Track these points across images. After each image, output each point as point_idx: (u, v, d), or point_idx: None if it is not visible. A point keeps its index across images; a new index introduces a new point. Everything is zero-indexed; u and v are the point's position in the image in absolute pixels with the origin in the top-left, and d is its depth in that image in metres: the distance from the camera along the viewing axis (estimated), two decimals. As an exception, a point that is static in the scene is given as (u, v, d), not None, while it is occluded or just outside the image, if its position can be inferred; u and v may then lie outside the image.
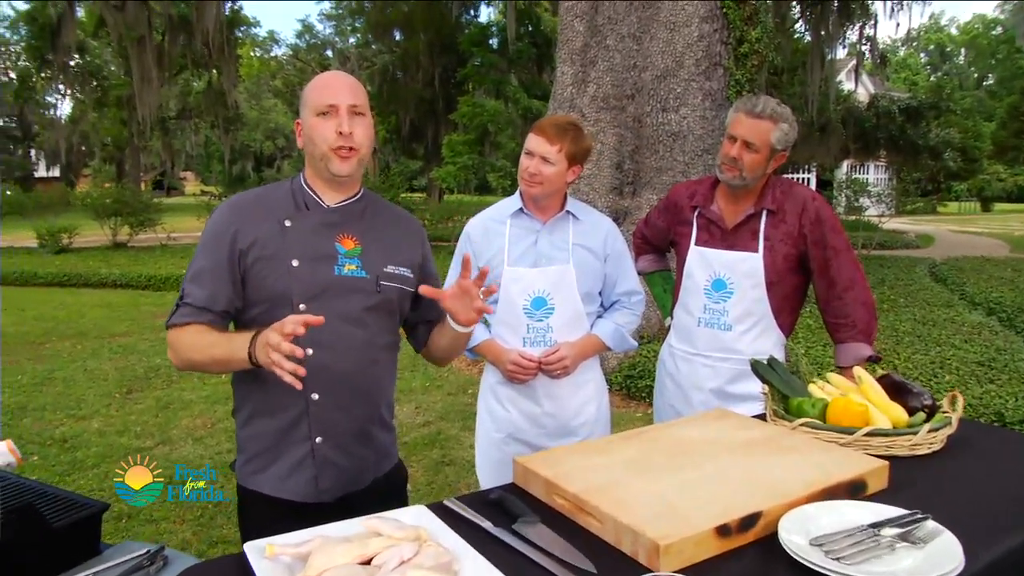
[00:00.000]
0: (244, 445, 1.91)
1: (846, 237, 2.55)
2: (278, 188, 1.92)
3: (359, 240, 1.88)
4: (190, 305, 1.79)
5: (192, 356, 1.78)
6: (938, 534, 1.37)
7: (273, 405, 1.83)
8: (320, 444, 1.84)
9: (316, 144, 1.81)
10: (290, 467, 1.85)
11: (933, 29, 68.86)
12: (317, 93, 1.82)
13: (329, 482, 1.87)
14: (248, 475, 1.89)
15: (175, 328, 1.80)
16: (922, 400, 1.97)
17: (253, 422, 1.88)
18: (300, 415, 1.83)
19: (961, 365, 6.16)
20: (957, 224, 29.28)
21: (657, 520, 1.38)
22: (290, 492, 1.85)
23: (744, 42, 7.35)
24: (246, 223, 1.80)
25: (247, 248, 1.78)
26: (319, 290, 1.80)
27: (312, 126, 1.81)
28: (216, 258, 1.79)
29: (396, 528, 1.39)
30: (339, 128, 1.79)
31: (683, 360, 2.72)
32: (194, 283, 1.80)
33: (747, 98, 2.54)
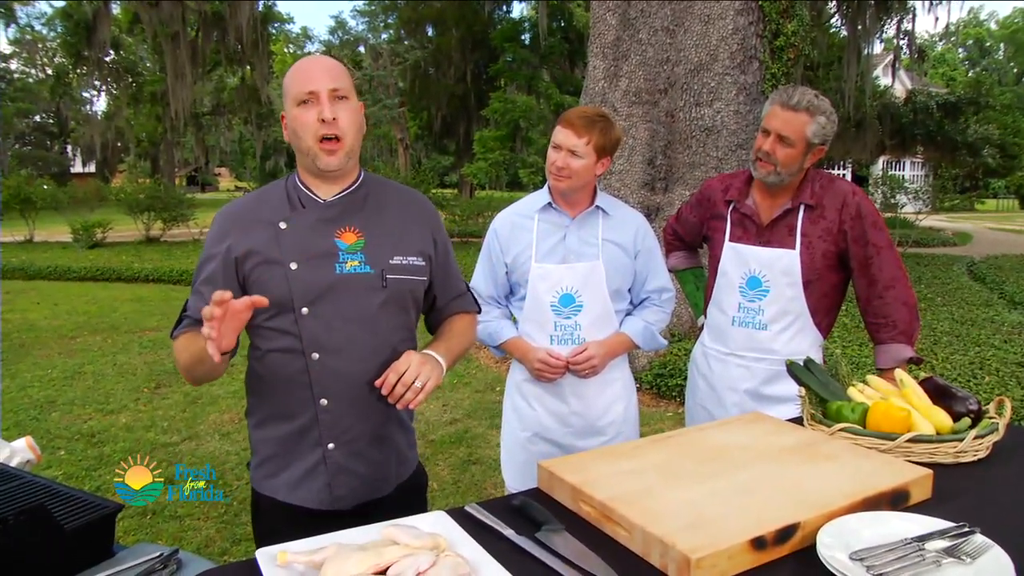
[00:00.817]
0: (257, 448, 1.86)
1: (888, 234, 2.45)
2: (273, 189, 1.83)
3: (361, 232, 1.77)
4: (190, 317, 1.76)
5: (183, 360, 1.74)
6: (987, 549, 1.29)
7: (283, 410, 1.78)
8: (332, 451, 1.77)
9: (300, 137, 1.72)
10: (302, 474, 1.79)
11: (972, 24, 67.59)
12: (295, 80, 1.71)
13: (345, 489, 1.80)
14: (261, 479, 1.84)
15: (175, 339, 1.79)
16: (967, 405, 1.87)
17: (265, 426, 1.82)
18: (310, 421, 1.76)
19: (1001, 366, 5.99)
20: (995, 222, 28.70)
21: (688, 531, 1.31)
22: (302, 499, 1.80)
23: (780, 35, 7.21)
24: (240, 231, 1.73)
25: (243, 256, 1.72)
26: (321, 292, 1.71)
27: (294, 117, 1.71)
28: (213, 270, 1.74)
29: (413, 536, 1.33)
30: (320, 115, 1.67)
31: (716, 360, 2.63)
32: (195, 296, 1.76)
33: (783, 89, 2.44)
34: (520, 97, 25.99)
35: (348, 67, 11.72)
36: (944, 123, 21.05)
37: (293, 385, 1.74)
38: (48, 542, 1.70)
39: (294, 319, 1.71)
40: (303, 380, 1.73)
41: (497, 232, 2.53)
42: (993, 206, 40.04)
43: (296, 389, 1.74)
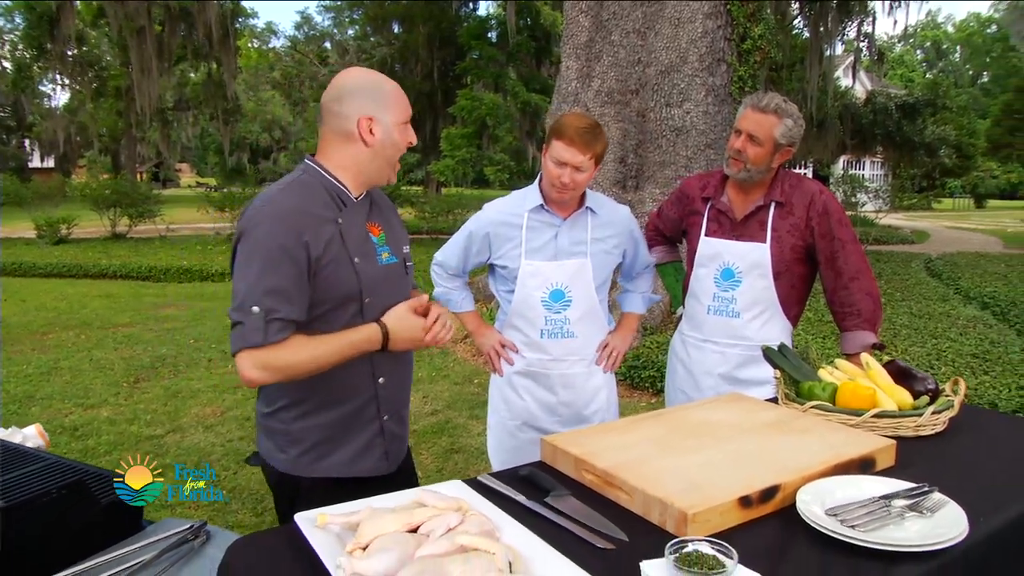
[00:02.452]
0: (301, 437, 1.92)
1: (852, 230, 2.65)
2: (310, 187, 1.87)
3: (380, 227, 1.97)
4: (282, 319, 1.74)
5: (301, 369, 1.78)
6: (944, 504, 1.48)
7: (341, 393, 1.91)
8: (387, 422, 2.00)
9: (398, 148, 1.91)
10: (361, 447, 1.96)
11: (930, 26, 69.00)
12: (404, 104, 1.91)
13: (396, 455, 2.05)
14: (308, 464, 1.92)
15: (271, 346, 1.73)
16: (926, 384, 2.07)
17: (316, 413, 1.91)
18: (370, 399, 1.95)
19: (957, 357, 6.27)
20: (952, 220, 29.42)
21: (683, 493, 1.48)
22: (363, 470, 1.97)
23: (747, 38, 7.44)
24: (312, 230, 1.78)
25: (321, 253, 1.78)
26: (376, 281, 1.89)
27: (401, 131, 1.90)
28: (296, 271, 1.75)
29: (439, 499, 1.48)
30: (411, 140, 1.93)
31: (693, 347, 2.82)
32: (279, 296, 1.73)
33: (755, 94, 2.64)
34: (487, 95, 26.05)
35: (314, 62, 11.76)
36: (903, 124, 21.59)
37: (356, 368, 1.89)
38: (86, 515, 1.83)
39: (359, 309, 1.86)
40: (365, 362, 1.90)
41: (488, 232, 2.63)
42: (950, 205, 40.99)
43: (359, 371, 1.91)
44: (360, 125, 1.85)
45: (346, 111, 1.85)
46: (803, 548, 1.40)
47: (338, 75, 1.92)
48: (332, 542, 1.39)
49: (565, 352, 2.62)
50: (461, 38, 27.91)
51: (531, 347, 2.64)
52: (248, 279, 1.74)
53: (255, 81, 42.07)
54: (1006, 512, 1.53)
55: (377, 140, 1.87)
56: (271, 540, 1.52)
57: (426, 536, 1.37)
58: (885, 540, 1.34)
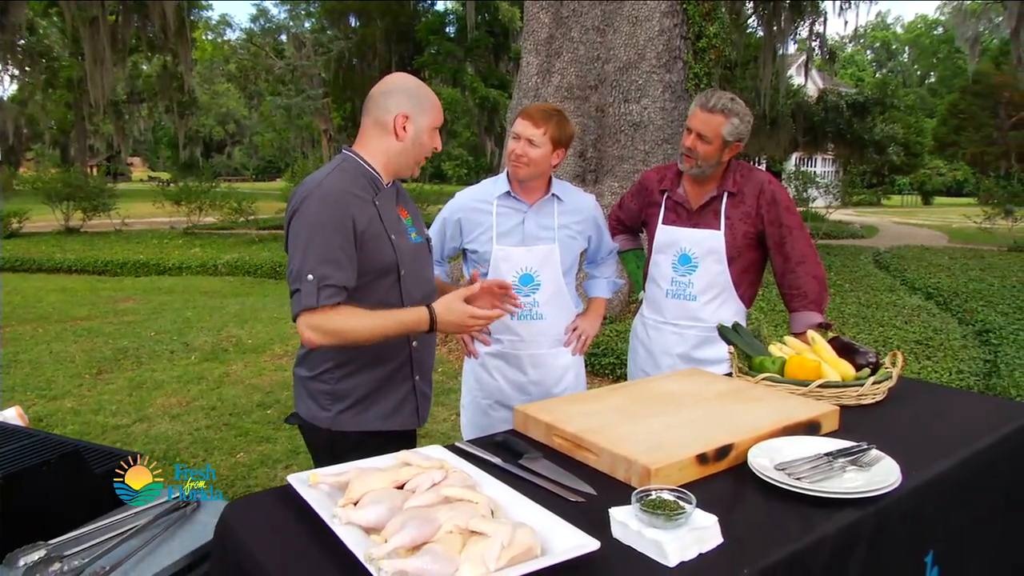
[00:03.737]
0: (345, 395, 2.13)
1: (799, 217, 2.83)
2: (352, 172, 2.07)
3: (406, 211, 2.21)
4: (334, 286, 1.93)
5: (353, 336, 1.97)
6: (880, 459, 1.64)
7: (382, 355, 2.12)
8: (419, 381, 2.22)
9: (424, 148, 2.14)
10: (396, 404, 2.17)
11: (880, 27, 70.50)
12: (439, 110, 2.16)
13: (424, 411, 2.28)
14: (350, 418, 2.13)
15: (324, 310, 1.92)
16: (867, 358, 2.24)
17: (359, 373, 2.12)
18: (405, 360, 2.17)
19: (902, 343, 6.55)
20: (900, 216, 30.21)
21: (647, 452, 1.62)
22: (397, 424, 2.18)
23: (702, 37, 7.64)
24: (357, 207, 2.00)
25: (364, 229, 1.99)
26: (410, 256, 2.13)
27: (430, 135, 2.14)
28: (344, 242, 1.96)
29: (422, 459, 1.61)
30: (437, 146, 2.16)
31: (653, 328, 2.97)
32: (332, 264, 1.93)
33: (704, 93, 2.80)
34: (445, 90, 26.10)
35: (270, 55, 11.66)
36: (853, 122, 22.12)
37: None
38: (83, 484, 1.92)
39: (396, 280, 2.09)
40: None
41: (459, 218, 2.78)
42: (898, 201, 42.06)
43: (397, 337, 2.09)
44: (396, 120, 2.08)
45: (388, 105, 2.08)
46: (755, 497, 1.55)
47: (390, 75, 2.19)
48: (325, 499, 1.50)
49: (534, 333, 2.75)
50: (419, 33, 27.88)
51: (503, 329, 2.76)
52: (302, 251, 1.94)
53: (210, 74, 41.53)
54: (935, 466, 1.70)
55: (408, 137, 2.10)
56: (266, 500, 1.62)
57: (412, 492, 1.49)
58: (828, 489, 1.50)
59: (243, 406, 5.60)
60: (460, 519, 1.33)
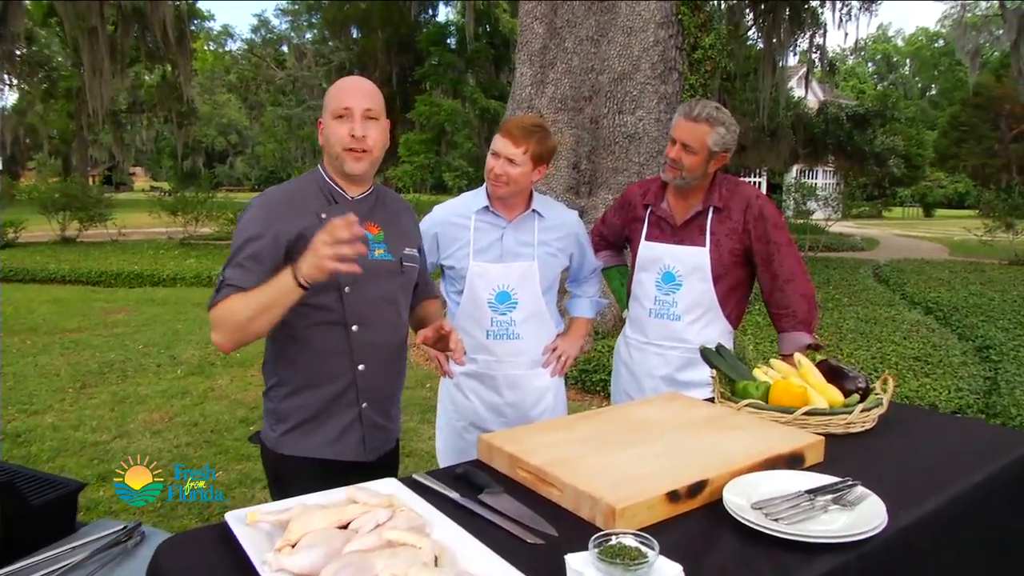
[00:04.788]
0: (286, 416, 2.05)
1: (788, 233, 2.71)
2: (304, 183, 2.08)
3: (380, 227, 2.09)
4: (233, 286, 1.88)
5: (238, 316, 1.85)
6: (865, 498, 1.52)
7: (322, 376, 2.02)
8: (366, 409, 2.07)
9: (332, 144, 2.00)
10: (340, 431, 2.05)
11: (880, 39, 70.60)
12: (336, 96, 2.00)
13: (374, 442, 2.12)
14: (291, 442, 2.04)
15: (217, 306, 1.88)
16: (856, 383, 2.12)
17: (300, 393, 2.04)
18: (349, 384, 2.04)
19: (900, 360, 6.42)
20: (901, 228, 30.12)
21: (613, 487, 1.50)
22: (340, 453, 2.06)
23: (698, 48, 7.56)
24: (286, 219, 1.94)
25: (294, 240, 1.92)
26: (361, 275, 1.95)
27: (330, 126, 2.00)
28: (260, 248, 1.91)
29: (371, 496, 1.49)
30: (352, 131, 1.97)
31: (636, 349, 2.85)
32: (238, 269, 1.90)
33: (688, 103, 2.69)
34: (445, 101, 26.09)
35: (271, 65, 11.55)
36: (854, 134, 22.03)
37: (334, 354, 2.02)
38: (17, 517, 1.80)
39: (338, 296, 1.98)
40: (344, 349, 2.02)
41: (436, 233, 2.66)
42: (899, 213, 41.96)
43: (337, 357, 2.02)
44: (319, 130, 2.06)
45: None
46: (728, 540, 1.42)
47: None
48: (262, 540, 1.39)
49: (510, 353, 2.63)
50: (420, 44, 27.92)
51: (477, 348, 2.65)
52: (229, 257, 1.94)
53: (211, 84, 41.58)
54: (926, 503, 1.58)
55: (324, 139, 2.04)
56: (202, 539, 1.51)
57: (355, 532, 1.38)
58: (806, 532, 1.38)
59: (225, 422, 5.48)
60: (398, 567, 1.22)
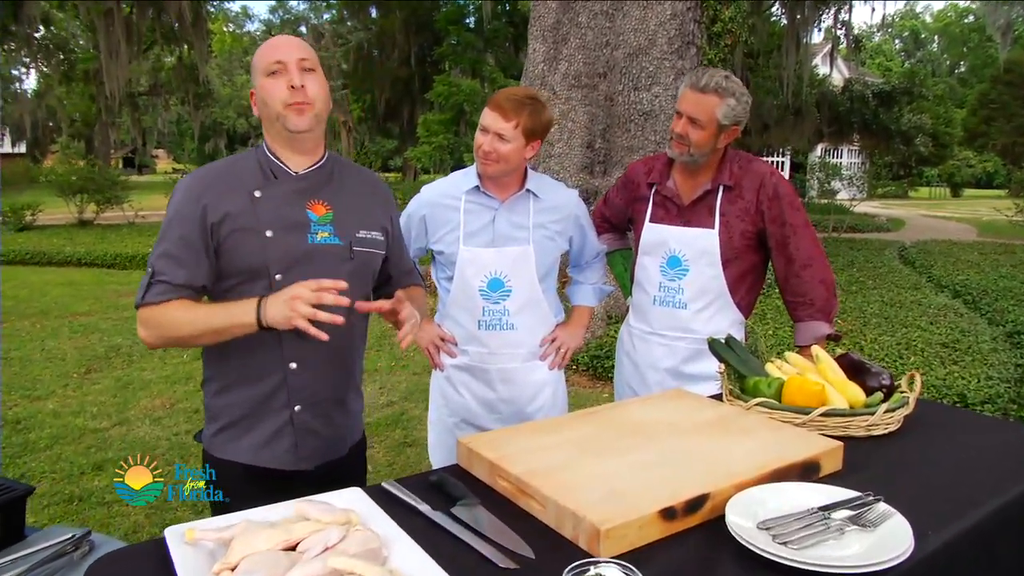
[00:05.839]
0: (217, 414, 1.88)
1: (805, 214, 2.49)
2: (244, 159, 1.86)
3: (330, 206, 1.84)
4: (167, 283, 1.73)
5: (181, 331, 1.73)
6: (889, 517, 1.33)
7: (251, 375, 1.82)
8: (299, 412, 1.85)
9: (269, 105, 1.77)
10: (269, 436, 1.84)
11: (908, 16, 69.27)
12: (264, 54, 1.79)
13: (309, 450, 1.88)
14: (221, 444, 1.87)
15: (151, 306, 1.74)
16: (880, 380, 1.92)
17: (229, 391, 1.85)
18: (279, 384, 1.82)
19: (926, 347, 6.18)
20: (928, 208, 29.54)
21: (600, 504, 1.32)
22: (268, 460, 1.85)
23: (717, 21, 7.30)
24: (215, 197, 1.75)
25: (219, 222, 1.74)
26: (295, 259, 1.77)
27: (263, 87, 1.77)
28: (188, 234, 1.74)
29: (325, 511, 1.32)
30: (290, 82, 1.74)
31: (640, 339, 2.66)
32: (168, 260, 1.74)
33: (694, 72, 2.47)
34: (464, 81, 25.80)
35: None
36: (879, 112, 21.54)
37: (264, 349, 1.79)
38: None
39: (268, 285, 1.75)
40: (274, 344, 1.78)
41: (424, 215, 2.48)
42: (926, 193, 41.22)
43: (266, 353, 1.80)
44: (253, 102, 1.84)
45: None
46: (730, 567, 1.24)
47: None
48: (203, 560, 1.24)
49: (503, 345, 2.45)
50: (438, 23, 27.63)
51: (468, 339, 2.47)
52: (157, 240, 1.78)
53: (229, 66, 41.50)
54: (958, 524, 1.39)
55: (258, 106, 1.81)
56: (140, 557, 1.35)
57: (302, 555, 1.21)
58: (818, 560, 1.19)
59: (228, 409, 5.36)
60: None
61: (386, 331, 7.24)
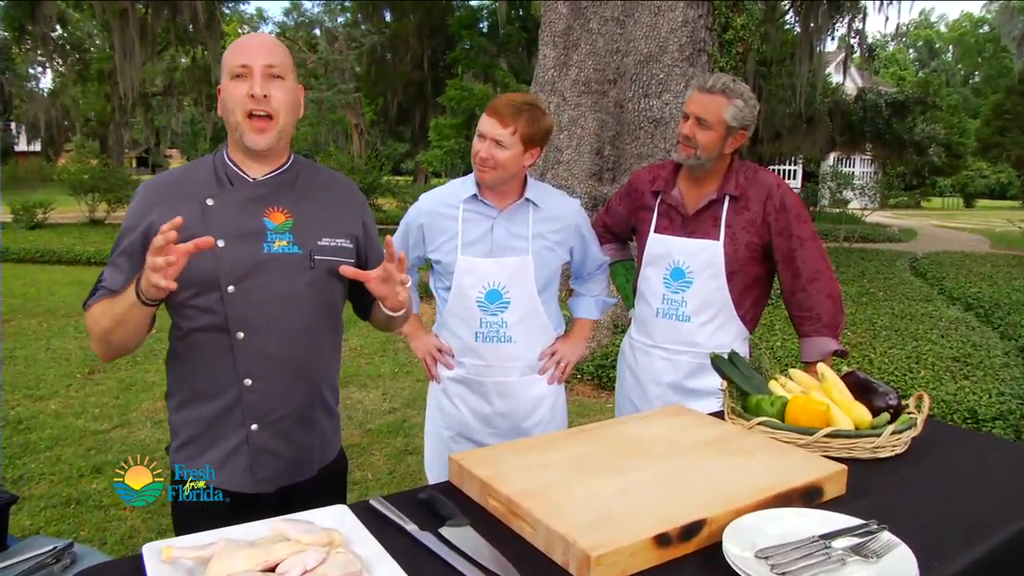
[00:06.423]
0: (178, 430, 1.81)
1: (812, 226, 2.44)
2: (199, 165, 1.79)
3: (291, 213, 1.75)
4: (106, 288, 1.69)
5: (99, 326, 1.67)
6: (893, 547, 1.27)
7: (206, 390, 1.74)
8: (255, 432, 1.75)
9: (230, 111, 1.69)
10: (224, 456, 1.76)
11: (922, 25, 69.01)
12: (231, 54, 1.69)
13: (267, 472, 1.78)
14: (182, 461, 1.80)
15: (88, 309, 1.71)
16: (887, 400, 1.87)
17: (187, 407, 1.78)
18: (234, 402, 1.73)
19: (937, 361, 6.09)
20: (940, 219, 29.35)
21: (592, 528, 1.28)
22: (224, 482, 1.75)
23: (729, 29, 7.23)
24: (164, 205, 1.67)
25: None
26: (248, 270, 1.69)
27: (226, 89, 1.69)
28: (132, 243, 1.69)
29: (306, 532, 1.28)
30: (251, 90, 1.65)
31: (642, 352, 2.60)
32: (112, 268, 1.71)
33: (702, 76, 2.42)
34: (477, 85, 25.81)
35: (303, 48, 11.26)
36: (892, 121, 21.39)
37: (216, 364, 1.72)
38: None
39: (219, 297, 1.68)
40: (227, 359, 1.71)
41: (422, 223, 2.43)
42: (939, 204, 40.97)
43: (219, 368, 1.72)
44: (219, 100, 1.74)
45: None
46: (725, 598, 1.19)
47: None
48: (179, 579, 1.20)
49: (500, 358, 2.40)
50: (452, 27, 27.68)
51: (465, 351, 2.42)
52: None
53: (243, 67, 41.63)
54: (966, 556, 1.33)
55: (221, 106, 1.72)
56: (117, 573, 1.32)
57: (283, 577, 1.17)
58: (818, 593, 1.14)
59: (229, 413, 5.33)
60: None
61: (390, 336, 7.20)
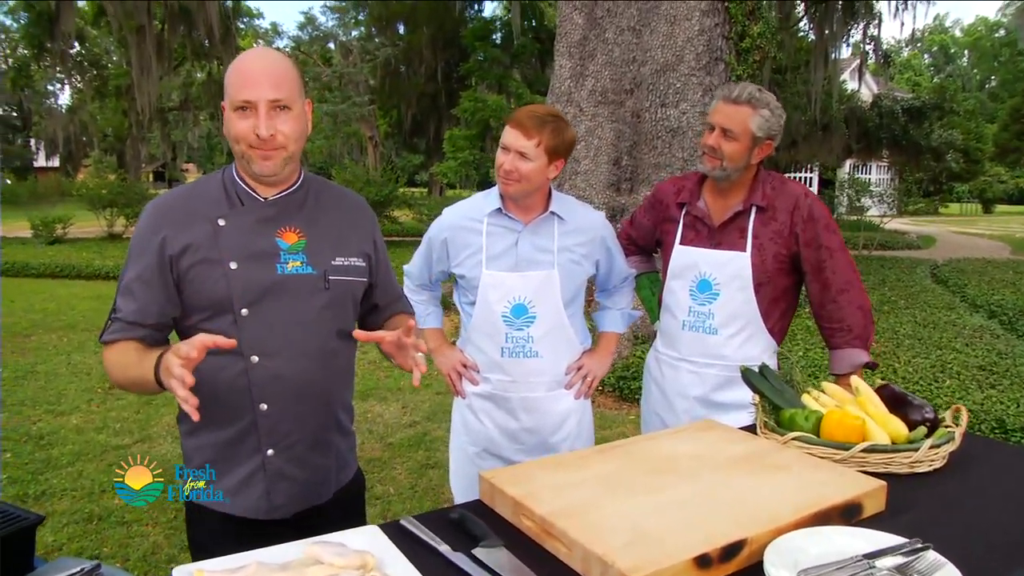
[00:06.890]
0: (191, 456, 1.76)
1: (841, 237, 2.40)
2: (208, 183, 1.74)
3: (303, 232, 1.71)
4: (120, 320, 1.65)
5: (117, 379, 1.66)
6: (939, 567, 1.24)
7: (220, 416, 1.67)
8: (272, 457, 1.71)
9: (234, 139, 1.63)
10: (239, 482, 1.72)
11: (937, 31, 68.70)
12: (234, 82, 1.61)
13: (284, 497, 1.74)
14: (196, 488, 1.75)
15: (107, 346, 1.68)
16: (923, 413, 1.83)
17: (199, 433, 1.72)
18: (248, 427, 1.69)
19: (962, 370, 6.02)
20: (959, 225, 29.12)
21: (629, 548, 1.25)
22: (240, 508, 1.72)
23: (746, 37, 7.20)
24: (175, 227, 1.63)
25: (178, 254, 1.63)
26: (261, 292, 1.65)
27: (230, 119, 1.63)
28: (145, 267, 1.63)
29: (338, 555, 1.26)
30: (256, 130, 1.59)
31: (668, 366, 2.57)
32: (125, 296, 1.66)
33: (725, 85, 2.41)
34: (491, 97, 25.85)
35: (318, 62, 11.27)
36: (909, 127, 21.24)
37: (231, 390, 1.67)
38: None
39: (233, 320, 1.63)
40: (242, 384, 1.66)
41: (443, 232, 2.42)
42: (957, 210, 40.68)
43: (234, 394, 1.67)
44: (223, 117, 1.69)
45: None
46: (768, 621, 1.16)
47: None
48: (212, 604, 1.18)
49: (527, 373, 2.37)
50: (465, 39, 27.76)
51: (491, 367, 2.40)
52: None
53: (259, 82, 41.89)
54: (1014, 572, 1.29)
55: (226, 130, 1.66)
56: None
57: (315, 603, 1.15)
58: (866, 616, 1.11)
59: (250, 427, 5.34)
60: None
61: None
